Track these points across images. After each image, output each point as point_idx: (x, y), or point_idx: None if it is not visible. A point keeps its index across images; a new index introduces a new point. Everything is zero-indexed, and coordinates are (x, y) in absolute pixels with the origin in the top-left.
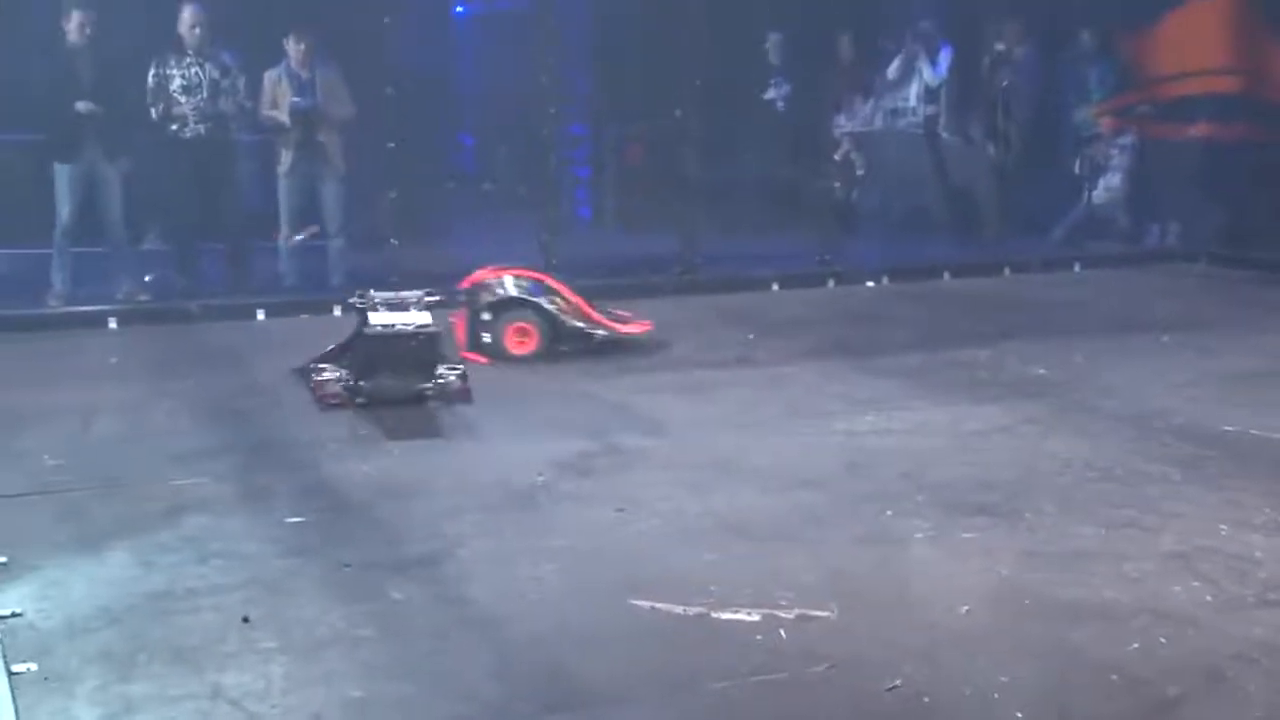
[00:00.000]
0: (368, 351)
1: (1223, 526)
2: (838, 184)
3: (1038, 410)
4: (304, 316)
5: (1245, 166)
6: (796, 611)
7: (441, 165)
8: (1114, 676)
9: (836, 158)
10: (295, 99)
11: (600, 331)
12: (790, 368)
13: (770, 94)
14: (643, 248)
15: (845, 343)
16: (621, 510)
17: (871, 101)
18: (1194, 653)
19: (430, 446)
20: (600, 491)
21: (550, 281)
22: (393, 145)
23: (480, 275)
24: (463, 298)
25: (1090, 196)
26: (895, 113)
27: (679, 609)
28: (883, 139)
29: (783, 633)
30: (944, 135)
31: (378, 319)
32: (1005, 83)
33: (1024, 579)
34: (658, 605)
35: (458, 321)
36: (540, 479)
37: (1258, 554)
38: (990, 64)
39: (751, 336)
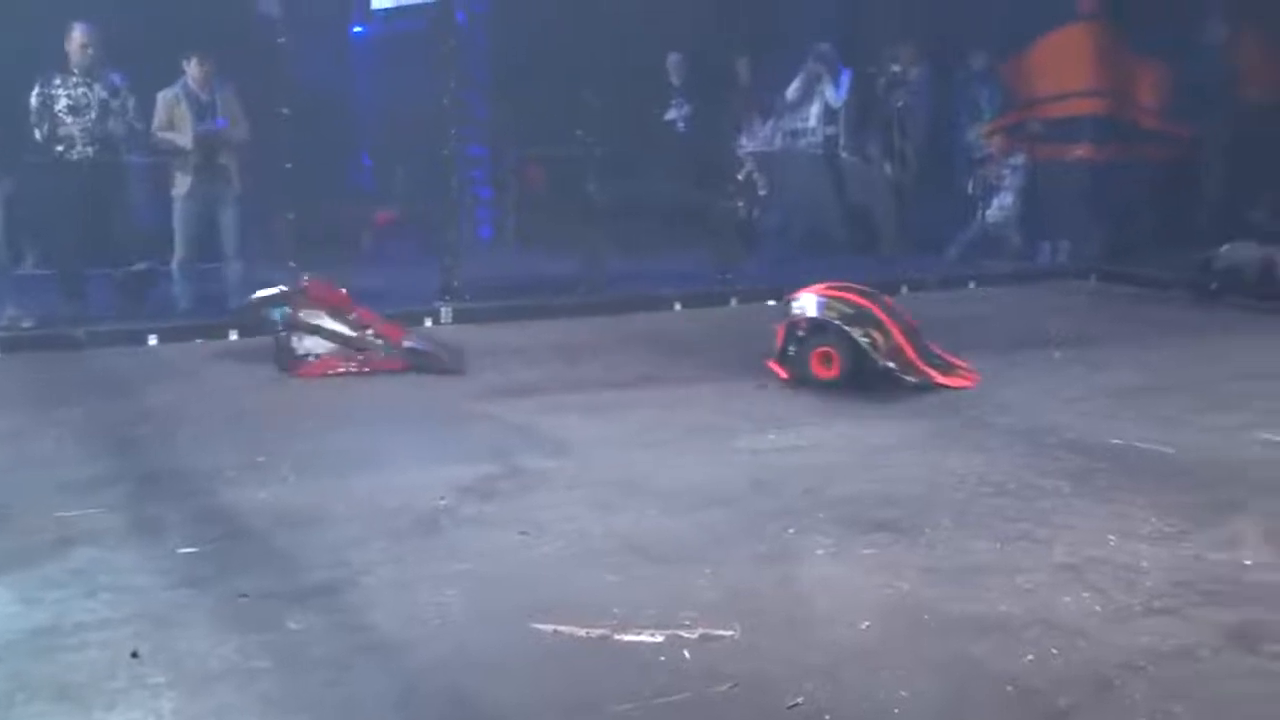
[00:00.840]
0: None
1: (1111, 537)
2: (740, 204)
3: (936, 426)
4: (199, 341)
5: (1127, 185)
6: (700, 631)
7: (341, 185)
8: (1009, 688)
9: (740, 177)
10: (207, 124)
11: (911, 378)
12: (693, 387)
13: (671, 114)
14: (545, 268)
15: (747, 361)
16: (525, 533)
17: (771, 122)
18: (1084, 662)
19: (330, 472)
20: (503, 514)
21: (878, 312)
22: (289, 166)
23: (817, 290)
24: (792, 308)
25: (984, 215)
26: (795, 133)
27: (581, 632)
28: (783, 159)
29: (686, 653)
30: (843, 155)
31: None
32: (901, 103)
33: (923, 594)
34: (560, 628)
35: (780, 329)
36: (442, 503)
37: (1144, 563)
38: (886, 85)
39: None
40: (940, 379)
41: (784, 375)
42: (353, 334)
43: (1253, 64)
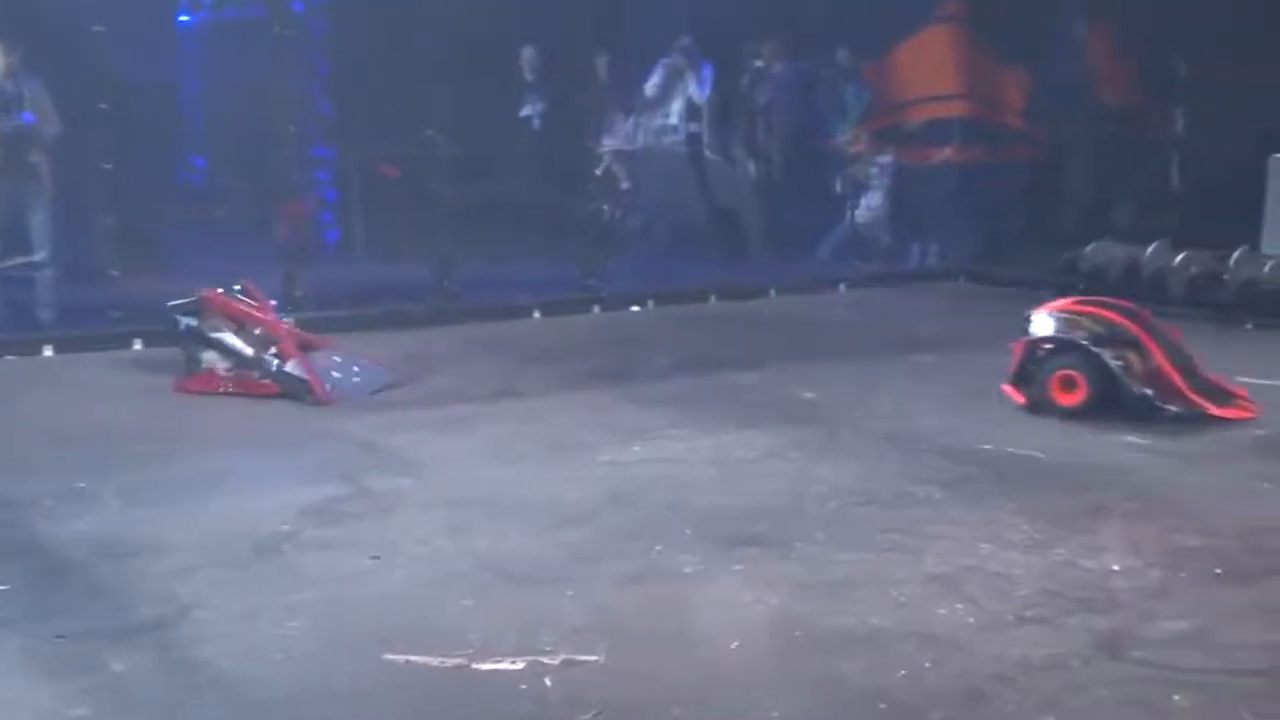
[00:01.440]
0: None
1: (983, 546)
2: (604, 206)
3: (805, 435)
4: (9, 357)
5: (993, 187)
6: (562, 657)
7: (169, 186)
8: (882, 705)
9: (598, 173)
10: (12, 118)
11: (1173, 407)
12: (553, 399)
13: (526, 111)
14: (395, 275)
15: (610, 371)
16: (375, 557)
17: (633, 119)
18: (957, 675)
19: (162, 498)
20: (351, 538)
21: (1136, 330)
22: (109, 166)
23: (1062, 305)
24: (1029, 327)
25: (853, 216)
26: (658, 131)
27: (436, 661)
28: (646, 158)
29: (548, 680)
30: (708, 154)
31: None
32: (765, 100)
33: (794, 610)
34: (414, 658)
35: (1016, 348)
36: (285, 528)
37: (1016, 572)
38: (750, 81)
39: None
40: (1214, 410)
41: (1020, 399)
42: (249, 352)
43: (1110, 66)
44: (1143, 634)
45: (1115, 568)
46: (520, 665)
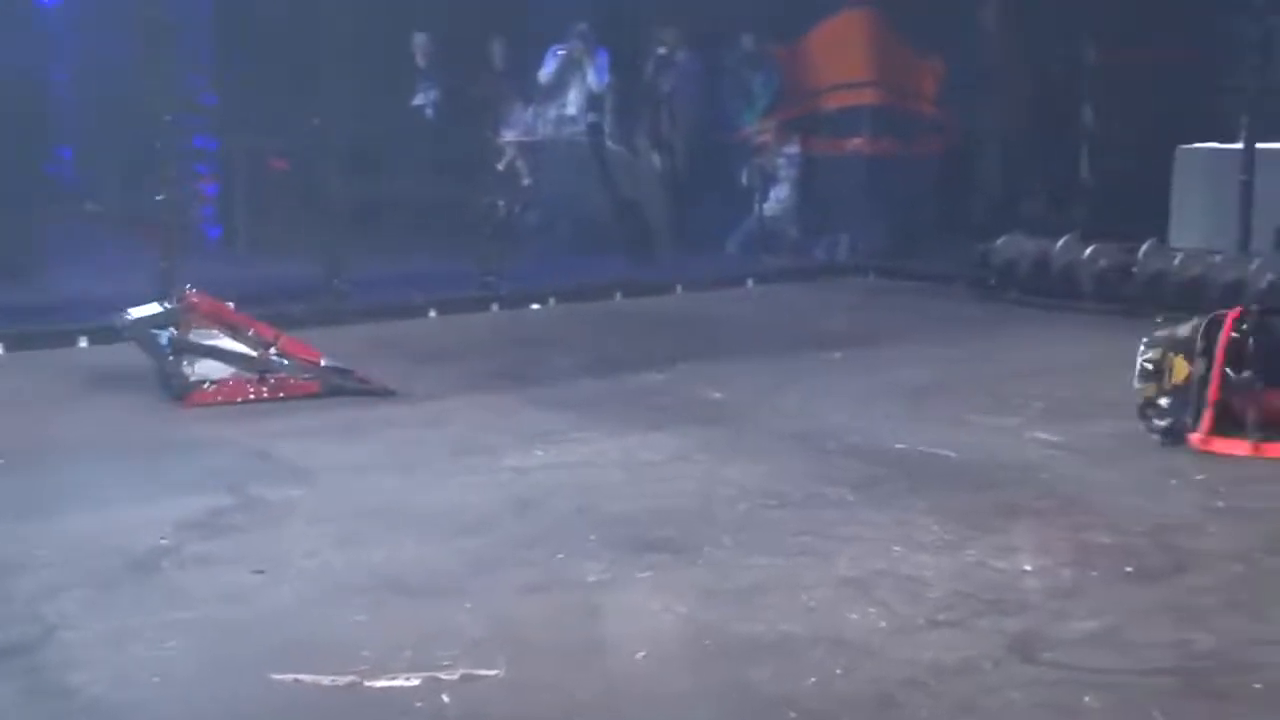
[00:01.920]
0: None
1: (895, 548)
2: (501, 200)
3: (714, 436)
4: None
5: (904, 178)
6: (461, 672)
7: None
8: (792, 714)
9: (500, 168)
10: None
11: None
12: (452, 402)
13: (419, 100)
14: (282, 273)
15: (511, 372)
16: (260, 572)
17: (532, 109)
18: (868, 681)
19: (23, 512)
20: (236, 553)
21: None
22: None
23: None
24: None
25: (761, 209)
26: (557, 121)
27: (327, 680)
28: (546, 149)
29: (445, 697)
30: (610, 145)
31: None
32: (668, 89)
33: (702, 617)
34: (302, 678)
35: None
36: (163, 542)
37: (927, 574)
38: (653, 70)
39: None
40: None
41: (1239, 449)
42: (253, 354)
43: (1021, 56)
44: (1054, 634)
45: (1027, 568)
46: (416, 682)
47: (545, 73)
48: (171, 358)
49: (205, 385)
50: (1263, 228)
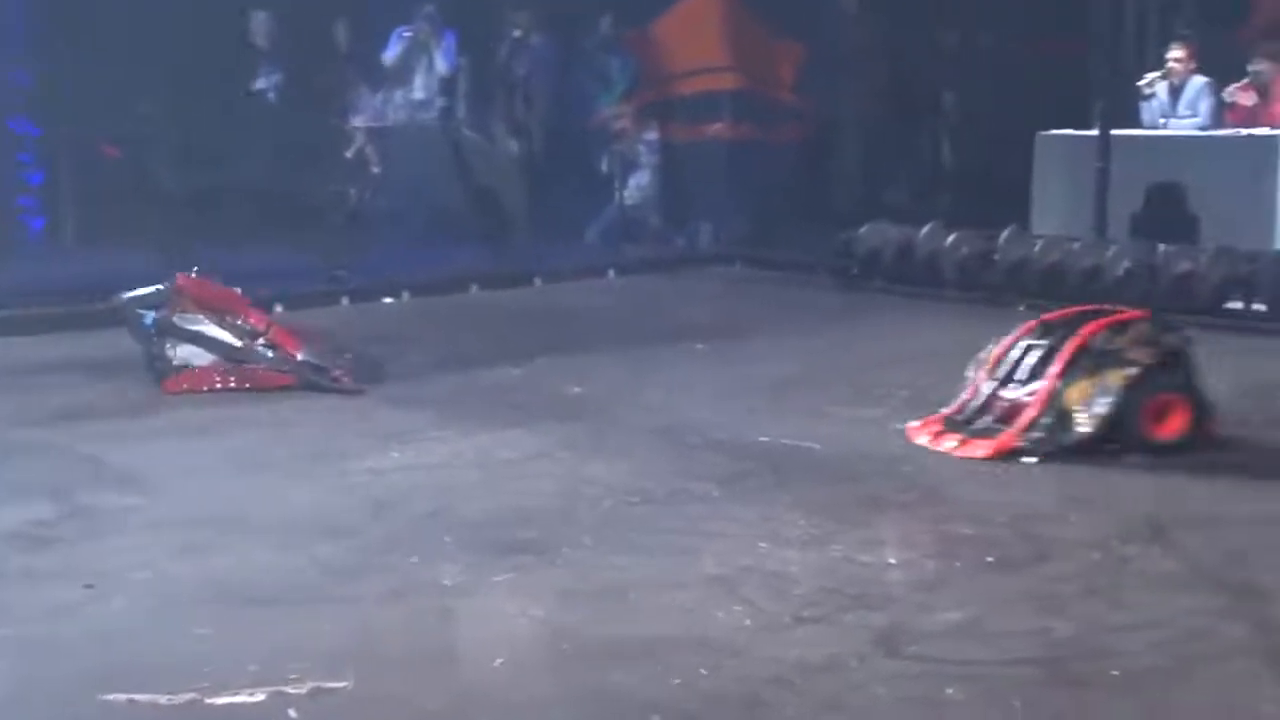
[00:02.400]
0: None
1: (761, 544)
2: (350, 189)
3: (575, 433)
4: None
5: (766, 165)
6: (309, 685)
7: None
8: (656, 717)
9: (349, 155)
10: None
11: None
12: (300, 402)
13: (260, 84)
14: (114, 266)
15: (363, 370)
16: (90, 586)
17: (380, 93)
18: (734, 681)
19: None
20: (62, 565)
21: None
22: None
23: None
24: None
25: (621, 197)
26: (408, 106)
27: (163, 699)
28: (397, 135)
29: (292, 712)
30: (464, 131)
31: None
32: (523, 73)
33: (563, 620)
34: (137, 698)
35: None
36: None
37: (794, 569)
38: (508, 53)
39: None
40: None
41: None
42: (237, 343)
43: (882, 41)
44: (918, 627)
45: (891, 561)
46: (261, 697)
47: (389, 55)
48: (154, 340)
49: (186, 369)
50: (1120, 214)
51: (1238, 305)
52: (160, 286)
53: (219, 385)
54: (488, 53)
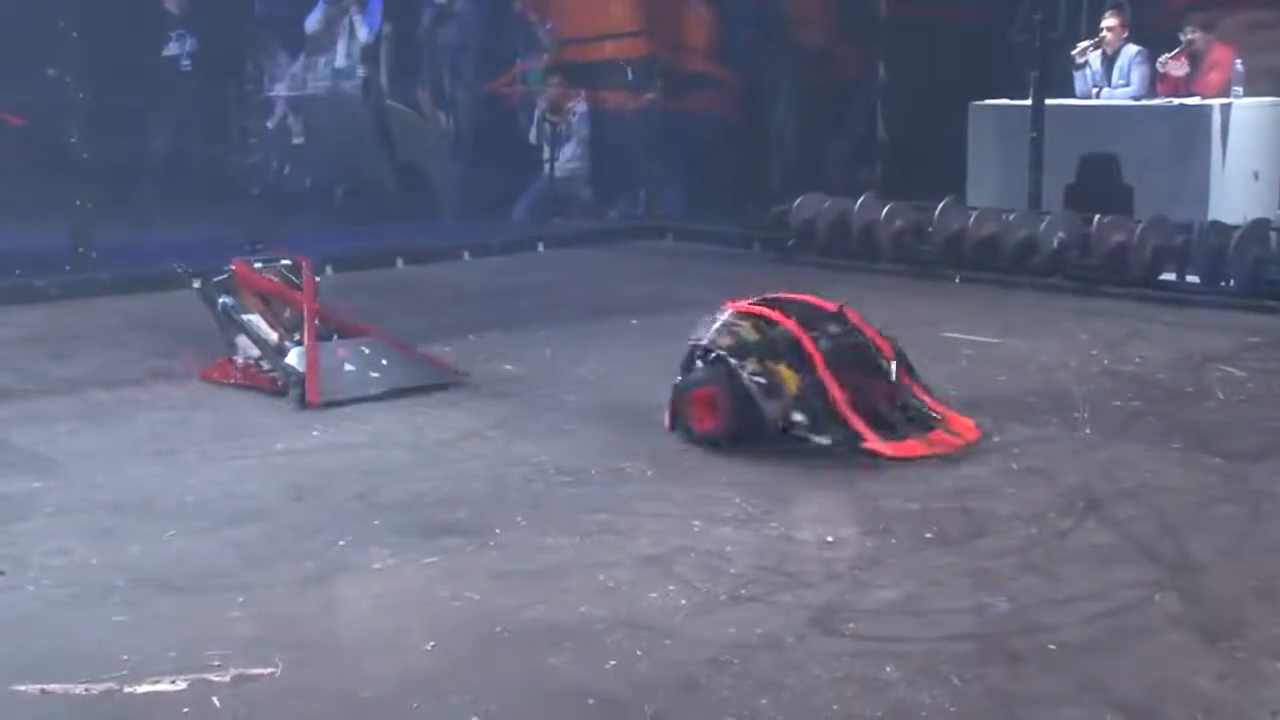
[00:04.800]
0: None
1: (696, 523)
2: (270, 160)
3: (506, 411)
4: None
5: (696, 136)
6: (233, 672)
7: None
8: (590, 700)
9: (269, 126)
10: None
11: (823, 439)
12: (219, 380)
13: (173, 50)
14: (20, 242)
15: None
16: (1, 573)
17: (302, 60)
18: (669, 663)
19: None
20: None
21: (803, 339)
22: None
23: (735, 305)
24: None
25: (551, 169)
26: (329, 75)
27: (80, 688)
28: (319, 104)
29: (216, 701)
30: (387, 100)
31: None
32: (447, 41)
33: (495, 603)
34: (50, 687)
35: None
36: None
37: (729, 549)
38: (431, 19)
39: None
40: (878, 445)
41: (667, 422)
42: (272, 337)
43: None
44: (856, 605)
45: (829, 539)
46: (182, 685)
47: (312, 21)
48: (225, 327)
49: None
50: (1054, 185)
51: (1171, 277)
52: (229, 270)
53: (231, 379)
54: (410, 19)
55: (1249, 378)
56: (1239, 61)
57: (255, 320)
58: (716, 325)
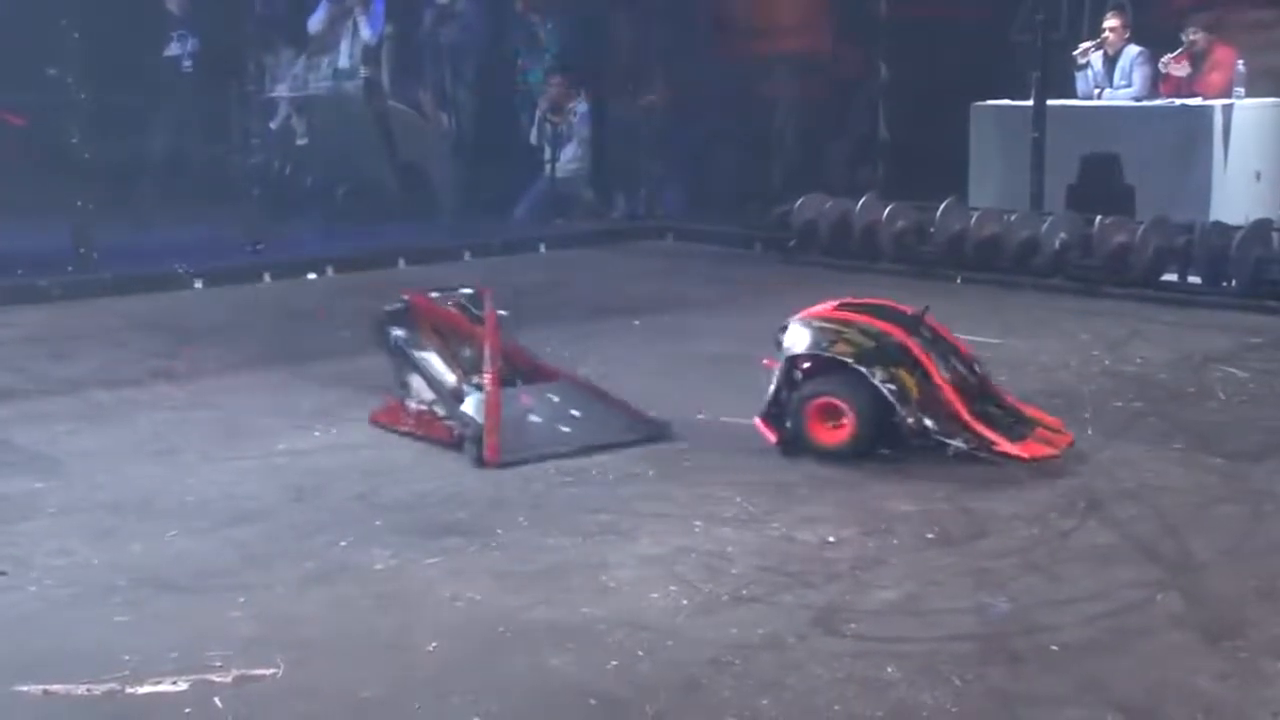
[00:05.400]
0: None
1: (697, 523)
2: (273, 160)
3: None
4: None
5: (698, 137)
6: (235, 673)
7: None
8: (592, 700)
9: (273, 126)
10: None
11: (957, 442)
12: (219, 381)
13: (174, 50)
14: (21, 242)
15: (286, 348)
16: (3, 573)
17: (304, 60)
18: (671, 664)
19: None
20: None
21: (904, 338)
22: None
23: (819, 311)
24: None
25: (553, 169)
26: (332, 75)
27: (81, 689)
28: (322, 105)
29: (218, 701)
30: (390, 101)
31: None
32: (450, 41)
33: (498, 603)
34: (53, 688)
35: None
36: None
37: (730, 549)
38: (433, 20)
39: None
40: (1007, 446)
41: (773, 438)
42: (449, 380)
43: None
44: (858, 605)
45: (830, 539)
46: (184, 686)
47: (315, 21)
48: (397, 363)
49: (406, 403)
50: (1056, 185)
51: (1173, 277)
52: (405, 300)
53: (401, 426)
54: (413, 19)
55: (1250, 378)
56: (1241, 62)
57: (431, 359)
58: (808, 335)
